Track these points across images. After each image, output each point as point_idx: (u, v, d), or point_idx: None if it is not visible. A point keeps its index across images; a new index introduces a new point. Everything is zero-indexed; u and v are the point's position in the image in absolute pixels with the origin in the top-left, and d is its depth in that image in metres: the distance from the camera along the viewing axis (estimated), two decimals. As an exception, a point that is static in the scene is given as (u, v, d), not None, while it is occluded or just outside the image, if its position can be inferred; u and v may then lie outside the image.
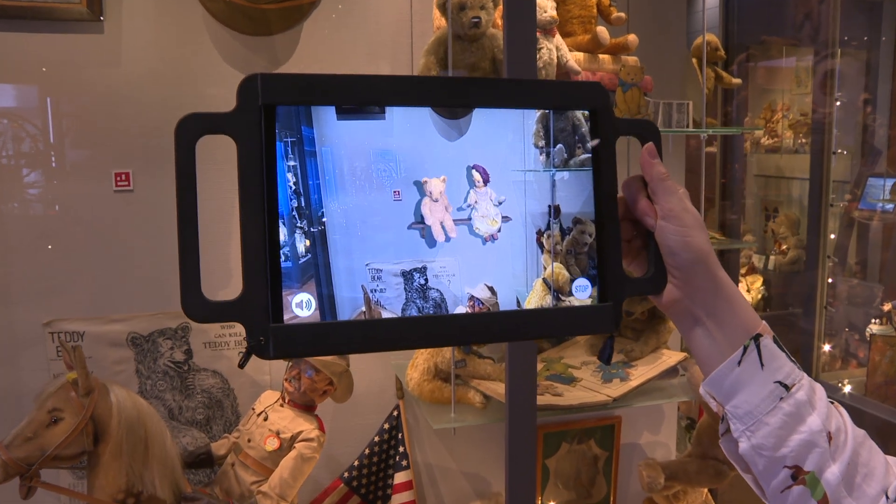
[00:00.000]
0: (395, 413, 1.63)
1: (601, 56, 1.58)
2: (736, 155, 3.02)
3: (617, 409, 1.74)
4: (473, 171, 0.52)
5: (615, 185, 0.56)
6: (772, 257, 2.87)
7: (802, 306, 2.66)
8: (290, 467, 1.39)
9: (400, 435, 1.62)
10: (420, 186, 0.51)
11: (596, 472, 1.78)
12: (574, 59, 1.52)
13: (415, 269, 0.51)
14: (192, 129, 0.48)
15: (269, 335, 0.48)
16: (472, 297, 0.52)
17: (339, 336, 0.49)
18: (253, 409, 1.48)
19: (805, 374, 0.54)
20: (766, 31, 2.91)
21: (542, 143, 0.55)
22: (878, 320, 2.16)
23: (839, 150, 2.60)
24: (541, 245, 0.54)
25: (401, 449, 1.61)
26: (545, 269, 0.54)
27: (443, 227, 0.51)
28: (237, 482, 1.42)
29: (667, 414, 1.87)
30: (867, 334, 2.17)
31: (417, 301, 0.50)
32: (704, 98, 1.70)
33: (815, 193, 2.58)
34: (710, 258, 0.54)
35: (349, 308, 0.49)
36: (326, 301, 0.49)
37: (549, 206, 0.55)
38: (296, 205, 0.49)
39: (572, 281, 0.55)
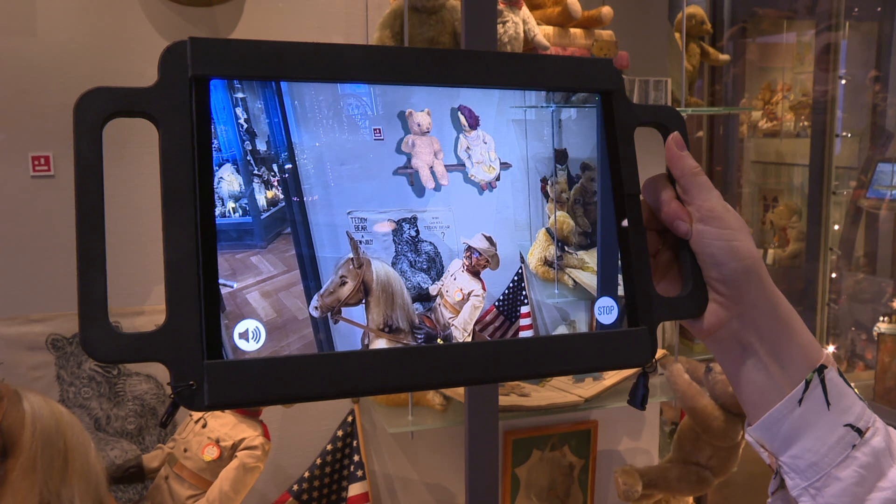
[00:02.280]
0: (350, 418, 1.66)
1: (572, 30, 1.63)
2: (731, 140, 3.10)
3: (592, 411, 1.79)
4: (459, 115, 0.51)
5: (637, 185, 0.52)
6: (770, 251, 2.93)
7: (803, 303, 2.72)
8: (230, 479, 1.42)
9: (355, 443, 1.65)
10: (404, 119, 0.49)
11: (571, 481, 1.83)
12: (543, 33, 1.56)
13: (404, 220, 0.49)
14: (97, 108, 0.42)
15: (203, 376, 0.41)
16: (469, 248, 0.51)
17: (300, 375, 0.42)
18: (191, 415, 1.51)
19: (876, 416, 0.50)
20: (760, 3, 2.99)
21: None
22: (887, 318, 2.18)
23: (844, 133, 2.67)
24: (546, 194, 0.53)
25: (356, 458, 1.64)
26: (549, 218, 0.53)
27: (432, 173, 0.50)
28: (171, 497, 1.45)
29: (648, 417, 1.93)
30: (875, 333, 2.20)
31: (409, 255, 0.49)
32: (684, 74, 1.76)
33: (815, 180, 2.64)
34: (762, 268, 0.50)
35: (332, 264, 0.47)
36: (308, 261, 0.46)
37: (555, 150, 0.53)
38: (250, 148, 0.45)
39: (580, 233, 0.53)
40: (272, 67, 0.45)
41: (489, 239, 0.51)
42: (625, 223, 0.51)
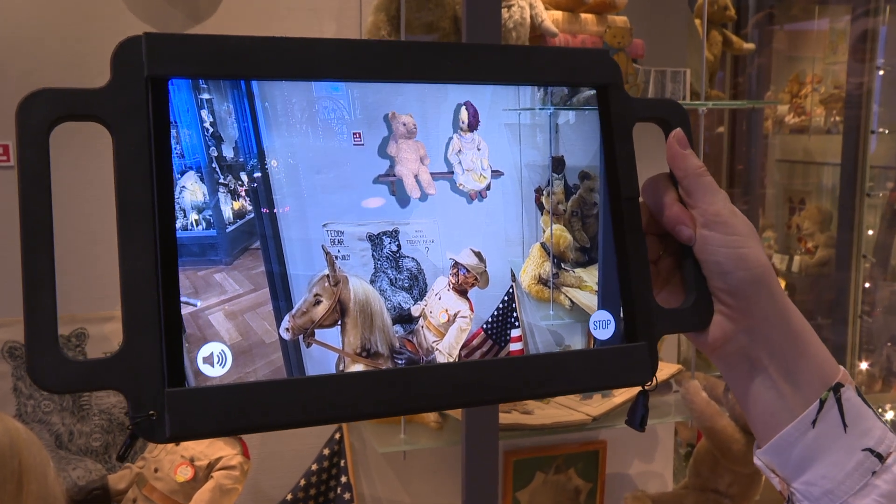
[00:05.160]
0: (337, 436, 1.66)
1: (583, 15, 1.63)
2: (755, 136, 3.10)
3: (601, 431, 1.79)
4: (462, 110, 0.50)
5: (636, 187, 0.52)
6: (797, 257, 2.92)
7: (833, 315, 2.71)
8: (206, 501, 1.42)
9: (343, 462, 1.65)
10: (388, 121, 0.49)
11: (577, 507, 1.83)
12: (551, 18, 1.56)
13: (384, 233, 0.49)
14: (42, 112, 0.41)
15: (164, 405, 0.41)
16: (455, 265, 0.50)
17: (271, 403, 0.42)
18: (162, 432, 1.51)
19: None
20: (790, -13, 2.98)
21: None
22: (928, 332, 2.18)
23: (881, 130, 2.67)
24: (540, 205, 0.52)
25: (343, 479, 1.64)
26: (544, 232, 0.53)
27: (417, 182, 0.50)
28: (141, 520, 1.45)
29: (661, 438, 1.93)
30: (914, 349, 2.20)
31: (389, 271, 0.49)
32: (705, 64, 1.76)
33: (848, 180, 2.64)
34: (772, 278, 0.50)
35: (305, 281, 0.47)
36: (278, 279, 0.46)
37: (551, 158, 0.52)
38: (215, 154, 0.45)
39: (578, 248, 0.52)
40: (238, 65, 0.44)
41: (478, 254, 0.51)
42: (622, 219, 0.51)
